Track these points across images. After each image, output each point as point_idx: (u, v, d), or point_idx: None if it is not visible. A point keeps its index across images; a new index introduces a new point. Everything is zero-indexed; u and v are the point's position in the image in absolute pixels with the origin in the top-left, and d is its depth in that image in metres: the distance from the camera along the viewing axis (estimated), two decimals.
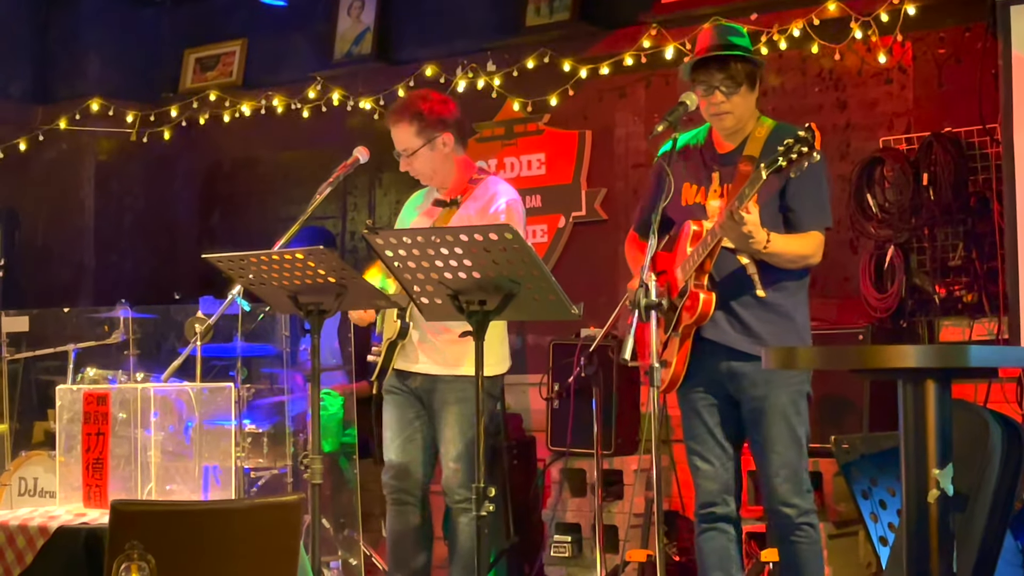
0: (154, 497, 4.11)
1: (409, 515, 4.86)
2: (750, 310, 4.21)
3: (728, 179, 4.25)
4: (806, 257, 4.24)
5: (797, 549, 4.24)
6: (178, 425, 4.26)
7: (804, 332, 4.31)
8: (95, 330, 6.55)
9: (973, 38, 5.93)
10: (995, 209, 5.70)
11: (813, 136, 3.88)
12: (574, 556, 6.05)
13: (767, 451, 4.23)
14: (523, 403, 6.75)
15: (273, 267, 4.15)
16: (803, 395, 4.26)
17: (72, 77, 8.36)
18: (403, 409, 4.87)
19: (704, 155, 4.37)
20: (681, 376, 4.28)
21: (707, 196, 4.29)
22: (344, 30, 7.78)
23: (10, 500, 6.27)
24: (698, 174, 4.35)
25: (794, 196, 4.21)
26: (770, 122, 4.33)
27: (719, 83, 4.23)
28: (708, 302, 4.18)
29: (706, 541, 4.33)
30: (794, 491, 4.21)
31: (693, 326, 4.23)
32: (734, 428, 4.32)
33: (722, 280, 4.22)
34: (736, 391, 4.27)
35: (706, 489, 4.31)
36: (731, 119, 4.27)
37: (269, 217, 7.97)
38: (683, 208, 4.32)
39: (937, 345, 5.61)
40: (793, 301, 4.27)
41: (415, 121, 4.82)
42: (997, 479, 2.61)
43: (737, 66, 4.23)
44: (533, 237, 7.01)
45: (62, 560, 3.77)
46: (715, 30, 4.36)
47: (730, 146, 4.32)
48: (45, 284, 8.16)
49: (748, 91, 4.26)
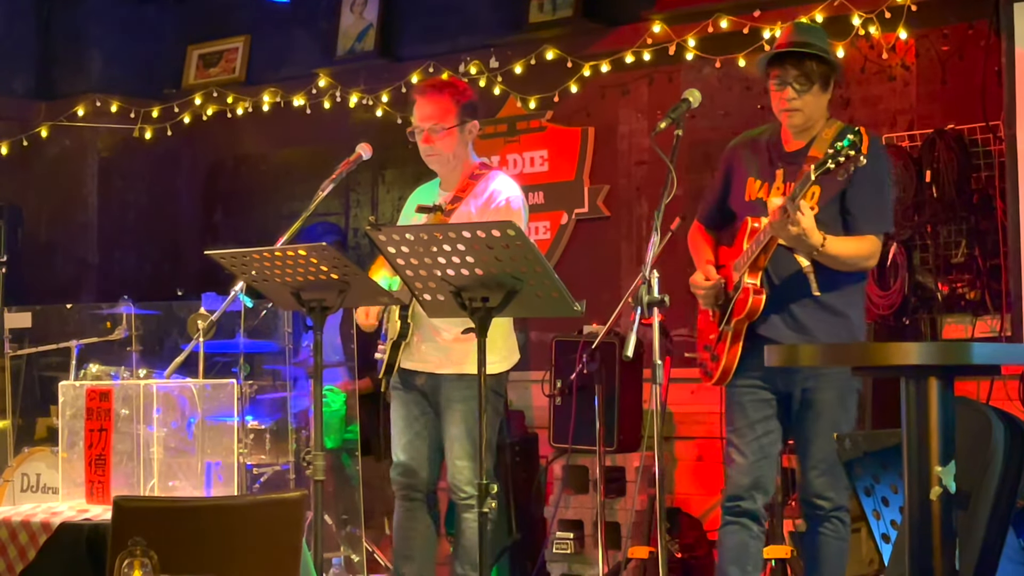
0: (157, 493, 4.11)
1: (416, 512, 4.86)
2: (805, 309, 4.26)
3: (791, 177, 4.28)
4: (862, 259, 4.28)
5: (823, 540, 4.29)
6: (181, 421, 4.26)
7: (858, 331, 4.34)
8: (98, 326, 6.56)
9: (976, 35, 5.93)
10: (998, 206, 5.70)
11: (861, 139, 3.91)
12: (576, 552, 6.06)
13: (808, 443, 4.29)
14: (525, 400, 6.75)
15: (276, 263, 4.14)
16: (852, 391, 4.31)
17: (75, 73, 8.36)
18: (409, 407, 4.87)
19: (771, 151, 4.40)
20: (732, 369, 4.33)
21: (770, 192, 4.32)
22: (347, 26, 7.78)
23: (13, 496, 6.28)
24: (763, 170, 4.39)
25: (853, 199, 4.24)
26: (839, 124, 4.36)
27: (792, 79, 4.26)
28: (758, 300, 4.24)
29: (727, 535, 4.35)
30: (830, 485, 4.26)
31: (744, 322, 4.28)
32: (780, 425, 4.35)
33: (779, 279, 4.27)
34: (786, 385, 4.30)
35: (736, 482, 4.34)
36: (800, 116, 4.30)
37: (272, 213, 7.98)
38: (746, 203, 4.38)
39: (940, 342, 5.59)
40: (848, 301, 4.31)
41: (455, 99, 4.80)
42: (1000, 476, 2.61)
43: (812, 65, 4.26)
44: (536, 234, 7.01)
45: (65, 556, 3.77)
46: (796, 27, 4.44)
47: (798, 144, 4.35)
48: (48, 280, 8.17)
49: (820, 91, 4.29)
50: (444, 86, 4.89)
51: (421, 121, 4.81)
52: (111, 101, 8.14)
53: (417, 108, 4.84)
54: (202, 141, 8.39)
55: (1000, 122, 5.63)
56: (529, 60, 7.02)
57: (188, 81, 8.35)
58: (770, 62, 4.32)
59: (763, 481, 4.33)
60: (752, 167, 4.40)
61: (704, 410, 6.07)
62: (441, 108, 4.79)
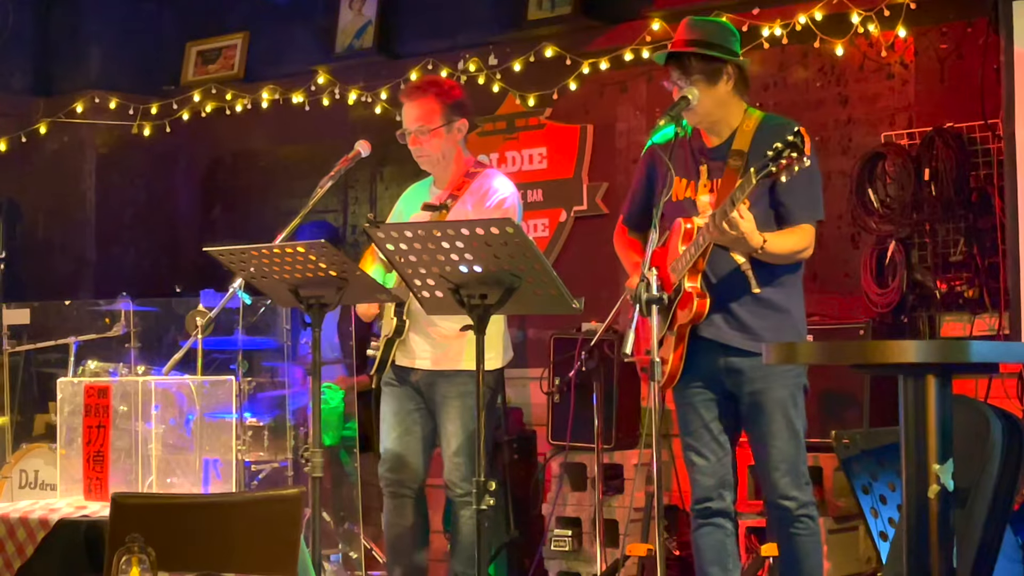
0: (155, 490, 4.11)
1: (406, 508, 4.86)
2: (746, 307, 4.21)
3: (717, 174, 4.24)
4: (800, 251, 4.24)
5: (797, 541, 4.24)
6: (179, 418, 4.26)
7: (800, 325, 4.31)
8: (96, 323, 6.56)
9: (975, 33, 5.92)
10: (996, 205, 5.70)
11: (803, 140, 3.86)
12: (574, 550, 6.06)
13: (766, 445, 4.23)
14: (524, 397, 6.75)
15: (274, 260, 4.15)
16: (800, 388, 4.27)
17: (73, 70, 8.35)
18: (402, 401, 4.87)
19: (692, 148, 4.34)
20: (678, 373, 4.28)
21: (697, 191, 4.28)
22: (346, 23, 7.77)
23: (11, 492, 6.27)
24: (687, 167, 4.32)
25: (785, 191, 4.17)
26: (758, 114, 4.31)
27: (676, 79, 4.23)
28: (703, 304, 4.19)
29: (702, 536, 4.33)
30: (793, 484, 4.21)
31: (688, 325, 4.23)
32: (731, 423, 4.32)
33: (717, 278, 4.22)
34: (733, 386, 4.27)
35: (702, 484, 4.31)
36: (693, 116, 4.25)
37: (270, 210, 7.97)
38: (673, 203, 4.29)
39: (938, 341, 5.60)
40: (788, 295, 4.27)
41: (439, 99, 4.80)
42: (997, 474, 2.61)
43: (691, 62, 4.21)
44: (534, 231, 7.01)
45: (62, 553, 3.77)
46: (687, 24, 4.32)
47: (718, 140, 4.30)
48: (46, 277, 8.16)
49: (708, 87, 4.21)
50: (428, 87, 4.87)
51: (408, 124, 4.83)
52: (110, 97, 8.13)
53: (404, 111, 4.86)
54: (201, 138, 8.38)
55: (999, 120, 5.62)
56: (528, 57, 7.01)
57: (187, 78, 8.35)
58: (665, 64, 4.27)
59: (727, 478, 4.30)
60: (676, 165, 4.28)
61: None
62: (426, 110, 4.80)
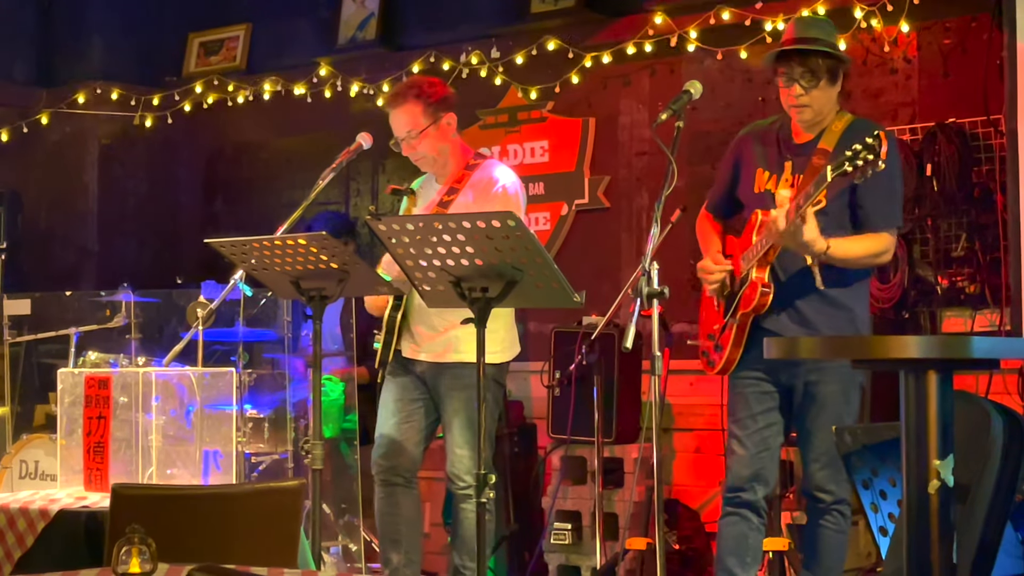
0: (155, 481, 4.11)
1: (397, 496, 4.86)
2: (809, 303, 4.26)
3: (800, 169, 4.28)
4: (873, 257, 4.28)
5: (824, 533, 4.31)
6: (179, 409, 4.27)
7: (862, 324, 4.34)
8: (97, 314, 6.55)
9: (979, 28, 5.92)
10: (998, 200, 5.69)
11: (880, 143, 3.88)
12: (574, 543, 6.06)
13: (810, 437, 4.30)
14: (524, 391, 6.75)
15: (275, 252, 4.14)
16: (856, 385, 4.31)
17: (75, 60, 8.34)
18: (406, 390, 4.87)
19: (781, 143, 4.40)
20: (736, 361, 4.34)
21: (778, 184, 4.32)
22: (348, 15, 7.76)
23: (11, 483, 6.28)
24: (772, 161, 4.39)
25: (865, 194, 4.22)
26: (849, 116, 4.36)
27: (799, 76, 4.25)
28: (766, 297, 4.24)
29: (726, 525, 4.36)
30: (831, 478, 4.27)
31: (750, 315, 4.28)
32: (781, 418, 4.36)
33: (784, 272, 4.27)
34: (789, 378, 4.31)
35: (736, 473, 4.35)
36: (809, 112, 4.30)
37: (272, 202, 7.97)
38: (755, 194, 4.38)
39: (939, 336, 5.60)
40: (854, 294, 4.31)
41: (420, 101, 4.80)
42: (998, 470, 2.61)
43: (818, 61, 4.25)
44: (536, 225, 7.00)
45: (63, 543, 3.78)
46: (800, 22, 4.42)
47: (807, 137, 4.36)
48: (47, 267, 8.16)
49: (828, 85, 4.28)
50: (407, 91, 4.86)
51: (397, 133, 4.86)
52: (112, 88, 8.12)
53: (391, 121, 4.87)
54: (202, 129, 8.38)
55: (1001, 116, 5.62)
56: (530, 50, 7.01)
57: (189, 69, 8.34)
58: (777, 58, 4.31)
59: (764, 473, 4.33)
60: (761, 158, 4.40)
61: (703, 402, 6.07)
62: (409, 115, 4.82)
